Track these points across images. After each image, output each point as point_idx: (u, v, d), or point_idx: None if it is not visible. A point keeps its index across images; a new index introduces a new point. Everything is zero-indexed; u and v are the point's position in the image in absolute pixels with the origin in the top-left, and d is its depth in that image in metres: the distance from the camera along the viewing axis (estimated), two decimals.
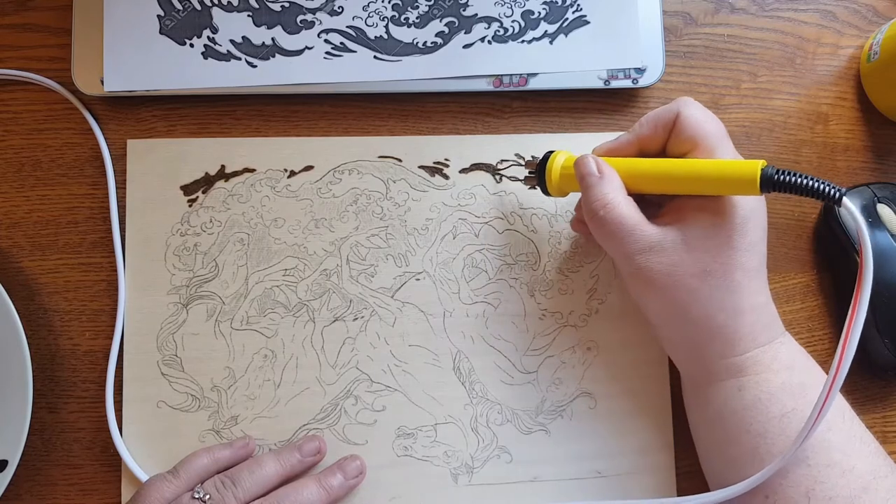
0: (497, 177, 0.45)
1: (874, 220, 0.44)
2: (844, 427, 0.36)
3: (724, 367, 0.37)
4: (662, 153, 0.39)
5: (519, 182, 0.44)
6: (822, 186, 0.33)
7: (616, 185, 0.37)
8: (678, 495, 0.43)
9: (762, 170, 0.34)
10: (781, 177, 0.33)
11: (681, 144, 0.37)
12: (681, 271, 0.36)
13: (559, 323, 0.44)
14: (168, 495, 0.37)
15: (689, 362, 0.39)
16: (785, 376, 0.36)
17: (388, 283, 0.43)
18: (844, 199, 0.33)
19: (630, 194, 0.38)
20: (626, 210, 0.37)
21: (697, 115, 0.37)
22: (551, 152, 0.41)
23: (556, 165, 0.40)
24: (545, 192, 0.41)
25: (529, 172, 0.43)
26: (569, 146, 0.42)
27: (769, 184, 0.34)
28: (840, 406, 0.36)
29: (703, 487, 0.40)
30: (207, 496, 0.37)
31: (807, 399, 0.35)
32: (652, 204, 0.39)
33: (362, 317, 0.43)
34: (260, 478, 0.38)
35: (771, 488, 0.35)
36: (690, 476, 0.43)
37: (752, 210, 0.36)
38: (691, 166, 0.36)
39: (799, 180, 0.33)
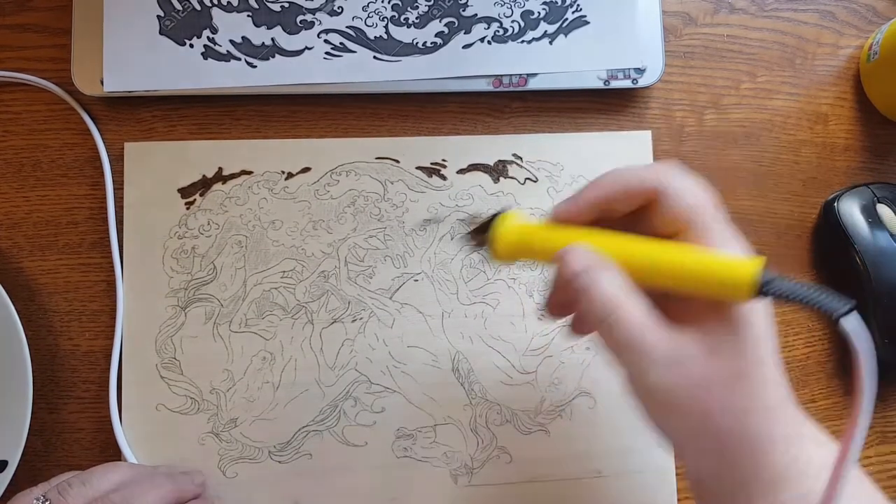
0: (494, 177, 0.45)
1: (874, 221, 0.44)
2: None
3: (766, 480, 0.29)
4: (623, 219, 0.32)
5: (518, 181, 0.44)
6: (826, 301, 0.27)
7: (619, 283, 0.30)
8: (678, 495, 0.43)
9: (760, 282, 0.27)
10: (778, 289, 0.27)
11: (667, 224, 0.31)
12: (709, 382, 0.29)
13: (558, 323, 0.44)
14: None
15: (721, 483, 0.30)
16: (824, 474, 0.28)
17: (386, 284, 0.43)
18: (853, 313, 0.27)
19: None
20: (637, 316, 0.29)
21: (688, 189, 0.30)
22: (499, 212, 0.33)
23: (506, 229, 0.32)
24: (489, 257, 0.33)
25: (472, 230, 0.34)
26: (569, 146, 0.42)
27: (765, 294, 0.28)
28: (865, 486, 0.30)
29: None
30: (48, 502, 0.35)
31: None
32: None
33: (361, 318, 0.43)
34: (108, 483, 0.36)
35: None
36: None
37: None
38: (677, 264, 0.29)
39: (801, 291, 0.27)
